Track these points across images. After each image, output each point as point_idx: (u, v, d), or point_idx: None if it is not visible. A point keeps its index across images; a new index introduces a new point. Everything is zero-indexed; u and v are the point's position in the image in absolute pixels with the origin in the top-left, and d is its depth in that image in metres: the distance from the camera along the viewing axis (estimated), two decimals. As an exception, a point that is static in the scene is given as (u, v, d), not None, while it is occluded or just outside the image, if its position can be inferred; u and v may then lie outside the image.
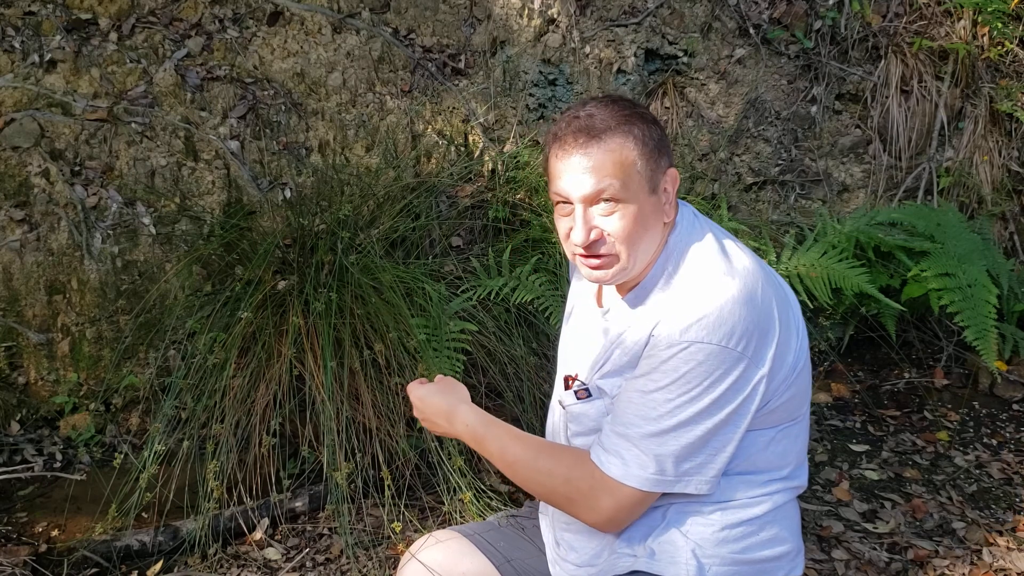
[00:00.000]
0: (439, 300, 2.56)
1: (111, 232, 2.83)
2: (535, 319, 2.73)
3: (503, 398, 2.61)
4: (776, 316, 1.31)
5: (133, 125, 2.84)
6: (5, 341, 2.81)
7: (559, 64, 3.22)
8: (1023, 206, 3.75)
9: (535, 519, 1.66)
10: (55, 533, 2.43)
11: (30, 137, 2.77)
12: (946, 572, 2.34)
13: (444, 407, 1.47)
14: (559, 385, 1.55)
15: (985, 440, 3.05)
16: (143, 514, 2.38)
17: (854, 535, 2.48)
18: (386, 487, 2.32)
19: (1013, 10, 3.60)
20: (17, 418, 2.83)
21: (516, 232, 2.94)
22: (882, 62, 3.53)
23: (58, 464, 2.73)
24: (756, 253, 1.44)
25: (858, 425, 3.13)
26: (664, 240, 1.38)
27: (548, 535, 1.58)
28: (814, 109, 3.52)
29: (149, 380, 2.81)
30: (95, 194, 2.82)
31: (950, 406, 3.26)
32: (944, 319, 3.43)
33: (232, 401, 2.42)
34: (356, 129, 3.06)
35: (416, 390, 1.51)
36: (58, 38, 2.79)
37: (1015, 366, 3.39)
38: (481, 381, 2.63)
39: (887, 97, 3.53)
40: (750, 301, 1.29)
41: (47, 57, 2.78)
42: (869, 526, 2.53)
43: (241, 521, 2.41)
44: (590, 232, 1.32)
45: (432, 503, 2.46)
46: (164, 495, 2.37)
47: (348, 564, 2.30)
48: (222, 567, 2.30)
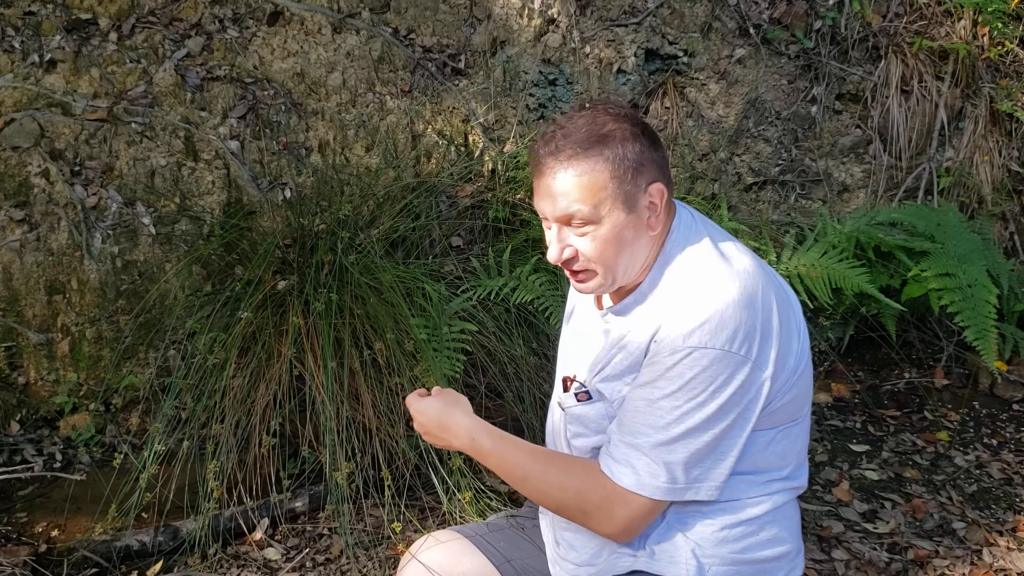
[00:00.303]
0: (439, 300, 2.56)
1: (111, 232, 2.83)
2: (535, 319, 2.73)
3: (503, 398, 2.61)
4: (777, 318, 1.31)
5: (133, 125, 2.84)
6: (5, 341, 2.81)
7: (559, 64, 3.22)
8: (1023, 206, 3.75)
9: (535, 519, 1.66)
10: (55, 533, 2.43)
11: (30, 137, 2.77)
12: (946, 572, 2.34)
13: (446, 421, 1.43)
14: (558, 386, 1.55)
15: (985, 440, 3.05)
16: (143, 514, 2.38)
17: (854, 535, 2.48)
18: (386, 487, 2.32)
19: (1013, 10, 3.60)
20: (17, 418, 2.83)
21: (516, 232, 2.94)
22: (882, 62, 3.53)
23: (58, 464, 2.73)
24: (756, 253, 1.44)
25: (858, 425, 3.13)
26: (661, 244, 1.37)
27: (548, 535, 1.58)
28: (814, 109, 3.52)
29: (149, 380, 2.81)
30: (95, 194, 2.82)
31: (950, 406, 3.26)
32: (944, 319, 3.43)
33: (232, 401, 2.42)
34: (356, 129, 3.06)
35: (416, 403, 1.46)
36: (58, 38, 2.79)
37: (1015, 366, 3.39)
38: (481, 381, 2.63)
39: (887, 97, 3.53)
40: (751, 303, 1.28)
41: (47, 57, 2.78)
42: (869, 526, 2.53)
43: (241, 521, 2.41)
44: (563, 251, 1.35)
45: (432, 503, 2.46)
46: (164, 495, 2.37)
47: (348, 564, 2.30)
48: (222, 567, 2.30)
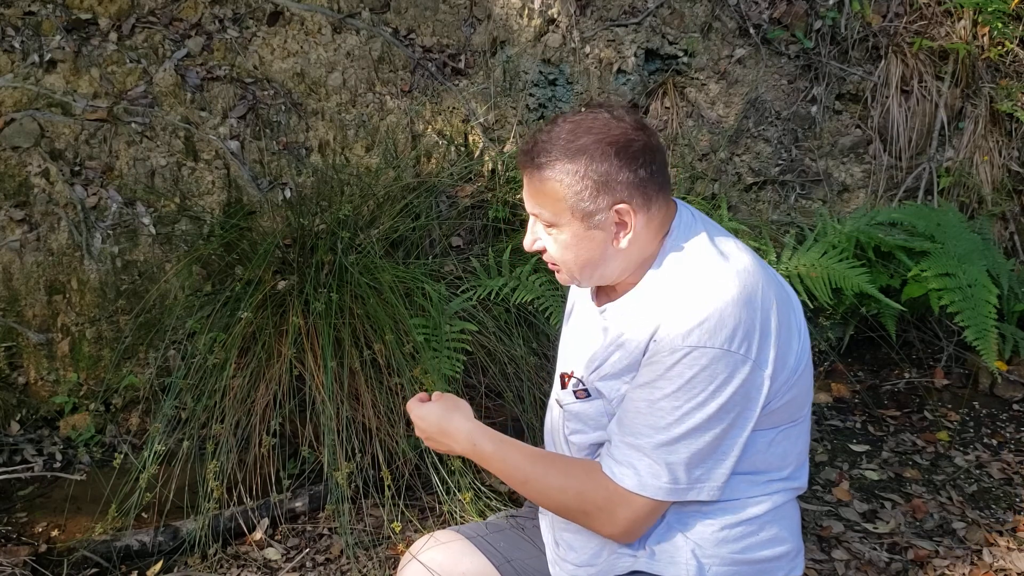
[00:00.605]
0: (439, 300, 2.56)
1: (111, 232, 2.83)
2: (535, 319, 2.73)
3: (503, 398, 2.61)
4: (776, 317, 1.31)
5: (133, 125, 2.84)
6: (5, 341, 2.81)
7: (559, 64, 3.22)
8: (1023, 206, 3.75)
9: (535, 519, 1.66)
10: (55, 533, 2.43)
11: (30, 137, 2.77)
12: (946, 572, 2.34)
13: (447, 426, 1.44)
14: (557, 383, 1.55)
15: (985, 440, 3.05)
16: (143, 514, 2.38)
17: (854, 535, 2.49)
18: (386, 487, 2.32)
19: (1013, 10, 3.60)
20: (17, 418, 2.83)
21: (516, 232, 2.94)
22: (882, 62, 3.53)
23: (58, 464, 2.73)
24: (756, 253, 1.44)
25: (858, 425, 3.13)
26: (660, 243, 1.38)
27: (548, 535, 1.58)
28: (814, 109, 3.52)
29: (149, 380, 2.81)
30: (95, 194, 2.82)
31: (950, 406, 3.26)
32: (944, 319, 3.43)
33: (232, 401, 2.42)
34: (356, 129, 3.06)
35: (416, 409, 1.47)
36: (58, 38, 2.79)
37: (1015, 366, 3.39)
38: (481, 381, 2.63)
39: (887, 97, 3.53)
40: (750, 302, 1.28)
41: (47, 57, 2.78)
42: (869, 526, 2.53)
43: (241, 521, 2.41)
44: (533, 242, 1.43)
45: (432, 503, 2.46)
46: (164, 495, 2.37)
47: (348, 564, 2.30)
48: (222, 567, 2.30)
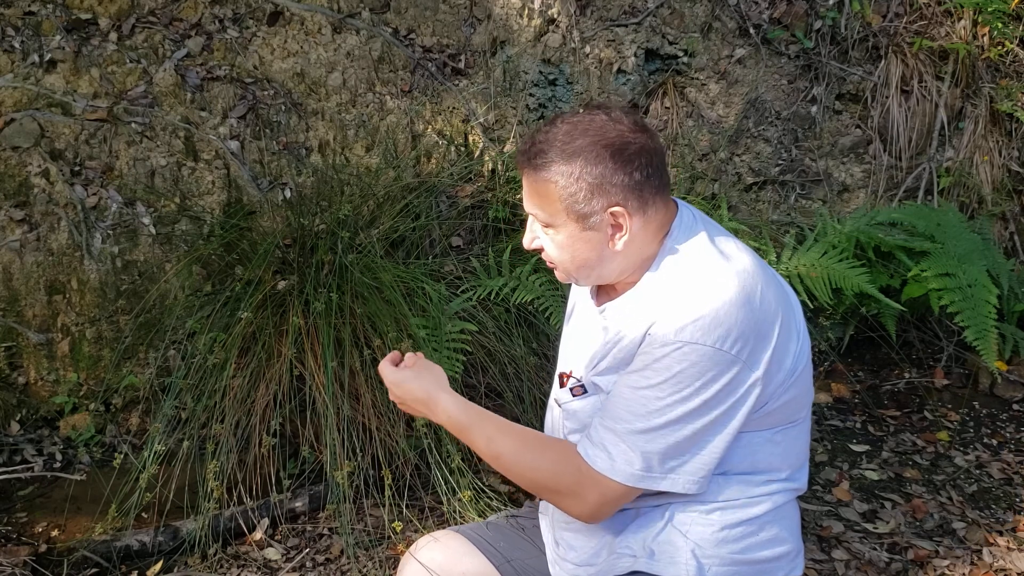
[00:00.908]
0: (439, 300, 2.56)
1: (111, 232, 2.83)
2: (535, 319, 2.73)
3: (503, 398, 2.61)
4: (775, 319, 1.31)
5: (133, 125, 2.84)
6: (5, 341, 2.81)
7: (559, 64, 3.22)
8: (1023, 206, 3.75)
9: (535, 519, 1.66)
10: (55, 533, 2.43)
11: (30, 137, 2.77)
12: (946, 572, 2.34)
13: (422, 395, 1.43)
14: (556, 383, 1.55)
15: (985, 440, 3.05)
16: (143, 514, 2.38)
17: (854, 535, 2.49)
18: (386, 487, 2.32)
19: (1013, 10, 3.60)
20: (17, 418, 2.83)
21: (516, 232, 2.94)
22: (882, 62, 3.53)
23: (58, 464, 2.73)
24: (756, 253, 1.44)
25: (858, 425, 3.13)
26: (660, 243, 1.38)
27: (548, 535, 1.58)
28: (814, 109, 3.52)
29: (149, 380, 2.81)
30: (95, 194, 2.82)
31: (950, 406, 3.26)
32: (944, 319, 3.43)
33: (232, 401, 2.42)
34: (356, 129, 3.06)
35: (390, 374, 1.45)
36: (58, 38, 2.79)
37: (1015, 366, 3.39)
38: (481, 381, 2.63)
39: (887, 97, 3.53)
40: (747, 303, 1.28)
41: (47, 57, 2.78)
42: (869, 526, 2.53)
43: (241, 521, 2.41)
44: (531, 241, 1.44)
45: (432, 503, 2.46)
46: (164, 495, 2.37)
47: (348, 564, 2.30)
48: (222, 567, 2.30)
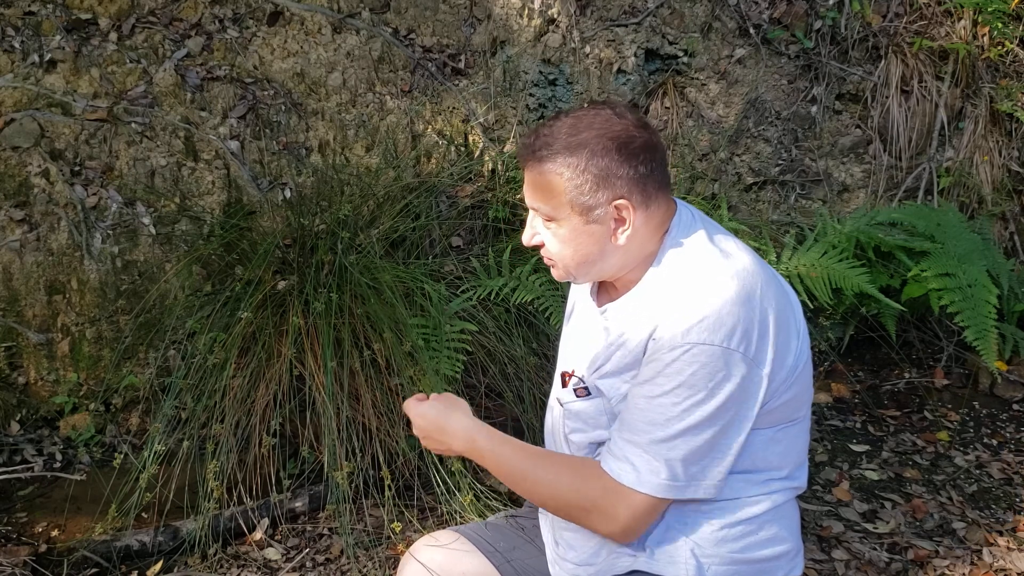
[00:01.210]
0: (439, 300, 2.56)
1: (111, 232, 2.83)
2: (535, 319, 2.73)
3: (503, 398, 2.61)
4: (775, 316, 1.31)
5: (133, 125, 2.84)
6: (5, 341, 2.81)
7: (559, 64, 3.22)
8: (1023, 206, 3.75)
9: (535, 519, 1.66)
10: (55, 533, 2.43)
11: (30, 137, 2.77)
12: (946, 572, 2.34)
13: (446, 424, 1.44)
14: (557, 382, 1.55)
15: (985, 440, 3.05)
16: (143, 514, 2.38)
17: (854, 535, 2.49)
18: (386, 487, 2.32)
19: (1013, 10, 3.60)
20: (17, 418, 2.83)
21: (516, 232, 2.94)
22: (882, 62, 3.53)
23: (58, 464, 2.73)
24: (756, 253, 1.44)
25: (858, 425, 3.13)
26: (659, 241, 1.38)
27: (547, 535, 1.58)
28: (814, 109, 3.52)
29: (149, 380, 2.81)
30: (95, 194, 2.82)
31: (950, 406, 3.26)
32: (944, 319, 3.43)
33: (232, 401, 2.42)
34: (356, 129, 3.06)
35: (415, 407, 1.47)
36: (58, 38, 2.79)
37: (1015, 366, 3.39)
38: (481, 381, 2.63)
39: (887, 97, 3.53)
40: (748, 301, 1.28)
41: (47, 57, 2.78)
42: (869, 526, 2.53)
43: (241, 521, 2.41)
44: (531, 236, 1.42)
45: (432, 503, 2.46)
46: (164, 495, 2.37)
47: (348, 564, 2.30)
48: (222, 567, 2.30)
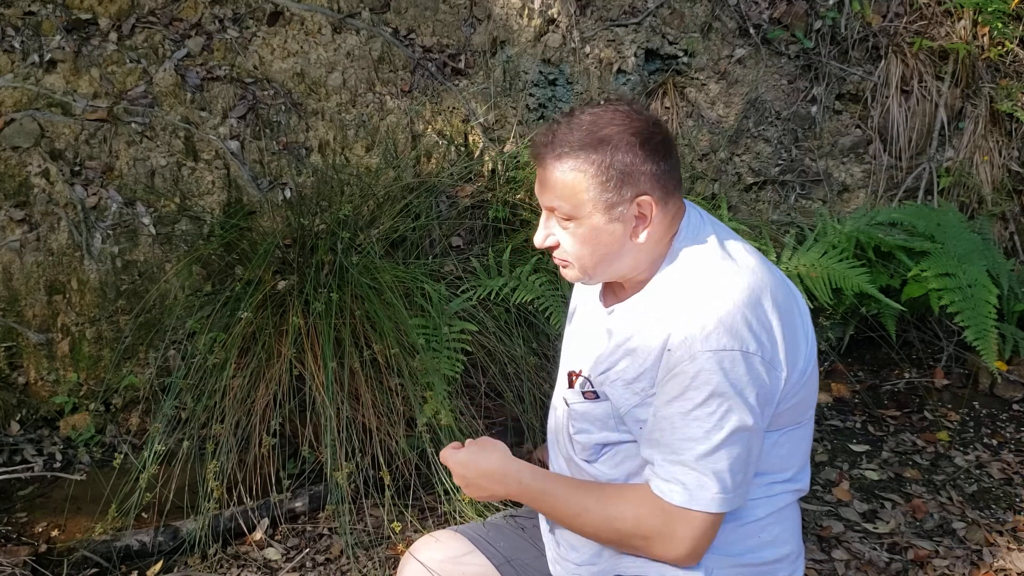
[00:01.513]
0: (439, 300, 2.56)
1: (111, 232, 2.83)
2: (535, 319, 2.73)
3: (503, 398, 2.61)
4: (786, 320, 1.31)
5: (133, 125, 2.84)
6: (5, 341, 2.81)
7: (559, 64, 3.22)
8: (1023, 206, 3.75)
9: (534, 519, 1.66)
10: (55, 533, 2.43)
11: (30, 137, 2.77)
12: (946, 572, 2.34)
13: (491, 469, 1.43)
14: (562, 382, 1.54)
15: (985, 440, 3.05)
16: (143, 514, 2.38)
17: (854, 535, 2.48)
18: (386, 487, 2.32)
19: (1013, 10, 3.60)
20: (17, 418, 2.83)
21: (516, 232, 2.94)
22: (882, 62, 3.53)
23: (58, 464, 2.73)
24: (763, 256, 1.43)
25: (858, 425, 3.13)
26: (669, 243, 1.37)
27: (548, 535, 1.58)
28: (814, 109, 3.52)
29: (149, 380, 2.81)
30: (95, 194, 2.82)
31: (950, 406, 3.26)
32: (944, 319, 3.43)
33: (232, 401, 2.42)
34: (356, 129, 3.06)
35: (453, 456, 1.46)
36: (58, 38, 2.79)
37: (1015, 366, 3.39)
38: (481, 381, 2.63)
39: (887, 97, 3.53)
40: (760, 305, 1.28)
41: (47, 57, 2.78)
42: (869, 526, 2.53)
43: (241, 521, 2.41)
44: (545, 238, 1.39)
45: (432, 503, 2.46)
46: (164, 495, 2.37)
47: (348, 564, 2.30)
48: (222, 567, 2.30)
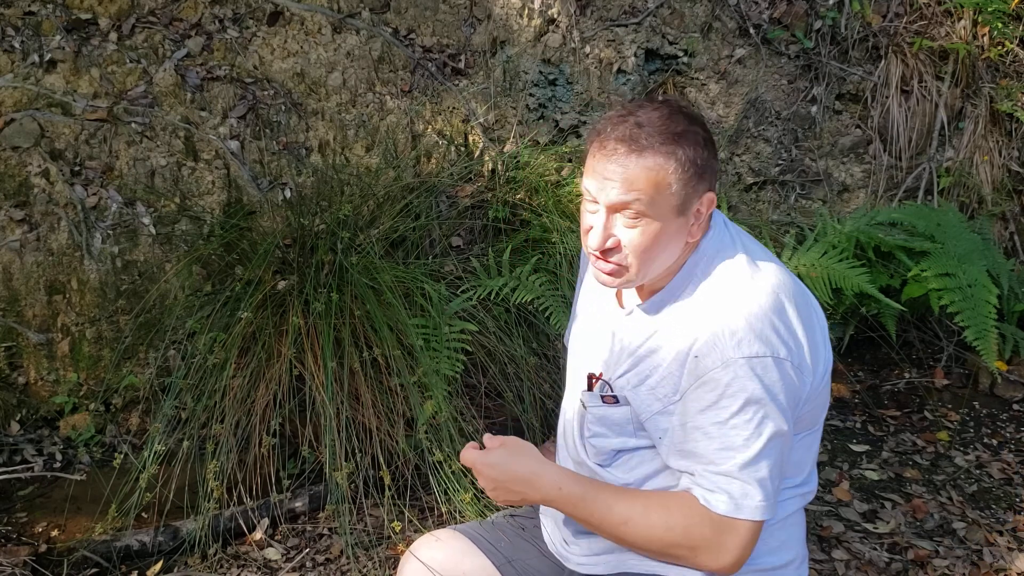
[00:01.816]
0: (439, 300, 2.56)
1: (111, 232, 2.83)
2: (535, 319, 2.73)
3: (503, 398, 2.61)
4: (806, 323, 1.30)
5: (133, 125, 2.84)
6: (5, 341, 2.81)
7: (559, 64, 3.22)
8: (1023, 206, 3.75)
9: (535, 518, 1.65)
10: (55, 533, 2.43)
11: (30, 137, 2.77)
12: (946, 572, 2.34)
13: (527, 473, 1.34)
14: (576, 382, 1.51)
15: (985, 440, 3.05)
16: (143, 514, 2.38)
17: (854, 535, 2.48)
18: (386, 487, 2.32)
19: (1013, 10, 3.60)
20: (17, 418, 2.83)
21: (516, 232, 2.94)
22: (882, 62, 3.53)
23: (58, 464, 2.73)
24: (779, 259, 1.42)
25: (858, 425, 3.13)
26: (694, 246, 1.34)
27: (554, 534, 1.57)
28: (814, 109, 3.52)
29: (149, 380, 2.81)
30: (95, 194, 2.82)
31: (950, 406, 3.26)
32: (944, 319, 3.43)
33: (232, 401, 2.42)
34: (356, 129, 3.06)
35: (481, 458, 1.36)
36: (58, 38, 2.79)
37: (1015, 366, 3.39)
38: (481, 381, 2.63)
39: (887, 97, 3.53)
40: (783, 309, 1.28)
41: (47, 57, 2.78)
42: (869, 526, 2.53)
43: (241, 521, 2.41)
44: (607, 239, 1.30)
45: (432, 503, 2.46)
46: (164, 495, 2.37)
47: (348, 564, 2.30)
48: (222, 567, 2.30)
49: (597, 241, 1.30)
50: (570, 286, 2.66)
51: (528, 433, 2.56)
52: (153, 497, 2.32)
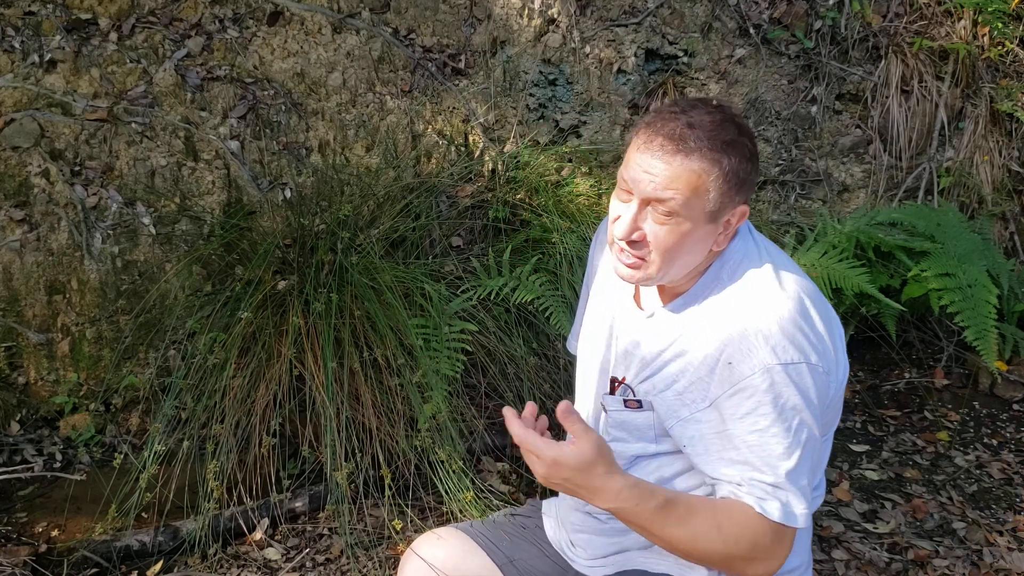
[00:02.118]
0: (439, 300, 2.56)
1: (111, 232, 2.83)
2: (535, 319, 2.73)
3: (503, 398, 2.61)
4: (827, 327, 1.30)
5: (133, 125, 2.84)
6: (5, 341, 2.81)
7: (559, 64, 3.22)
8: (1023, 206, 3.75)
9: (536, 518, 1.65)
10: (55, 533, 2.43)
11: (30, 137, 2.77)
12: (946, 572, 2.34)
13: (601, 486, 1.20)
14: (589, 385, 1.49)
15: (985, 440, 3.05)
16: (143, 514, 2.38)
17: (854, 535, 2.48)
18: (386, 487, 2.32)
19: (1013, 10, 3.60)
20: (17, 418, 2.83)
21: (516, 232, 2.94)
22: (882, 62, 3.53)
23: (58, 464, 2.73)
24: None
25: (858, 425, 3.13)
26: (718, 253, 1.33)
27: (560, 535, 1.57)
28: (814, 109, 3.52)
29: (149, 380, 2.81)
30: (95, 194, 2.82)
31: (950, 406, 3.26)
32: (944, 319, 3.43)
33: (232, 401, 2.42)
34: (356, 129, 3.06)
35: (547, 451, 1.20)
36: (58, 38, 2.79)
37: (1015, 366, 3.39)
38: (481, 381, 2.63)
39: (887, 97, 3.53)
40: (809, 314, 1.27)
41: (47, 57, 2.78)
42: (869, 526, 2.53)
43: (241, 521, 2.41)
44: (634, 231, 1.28)
45: (432, 503, 2.46)
46: (164, 495, 2.37)
47: (348, 564, 2.29)
48: (222, 567, 2.30)
49: (624, 230, 1.28)
50: (570, 286, 2.66)
51: (528, 433, 2.55)
52: (153, 497, 2.32)
